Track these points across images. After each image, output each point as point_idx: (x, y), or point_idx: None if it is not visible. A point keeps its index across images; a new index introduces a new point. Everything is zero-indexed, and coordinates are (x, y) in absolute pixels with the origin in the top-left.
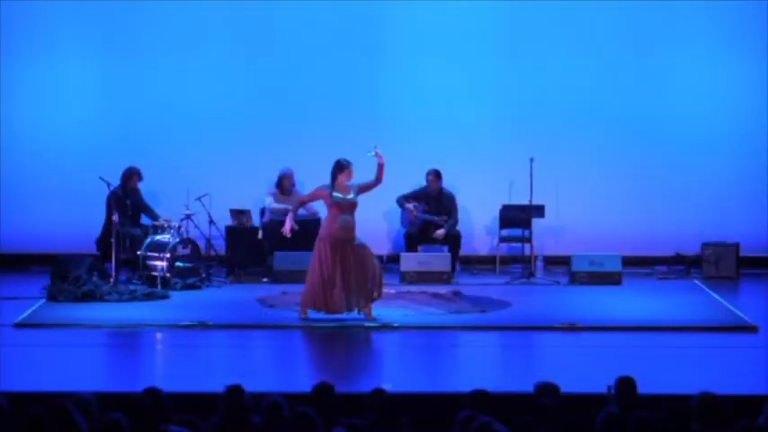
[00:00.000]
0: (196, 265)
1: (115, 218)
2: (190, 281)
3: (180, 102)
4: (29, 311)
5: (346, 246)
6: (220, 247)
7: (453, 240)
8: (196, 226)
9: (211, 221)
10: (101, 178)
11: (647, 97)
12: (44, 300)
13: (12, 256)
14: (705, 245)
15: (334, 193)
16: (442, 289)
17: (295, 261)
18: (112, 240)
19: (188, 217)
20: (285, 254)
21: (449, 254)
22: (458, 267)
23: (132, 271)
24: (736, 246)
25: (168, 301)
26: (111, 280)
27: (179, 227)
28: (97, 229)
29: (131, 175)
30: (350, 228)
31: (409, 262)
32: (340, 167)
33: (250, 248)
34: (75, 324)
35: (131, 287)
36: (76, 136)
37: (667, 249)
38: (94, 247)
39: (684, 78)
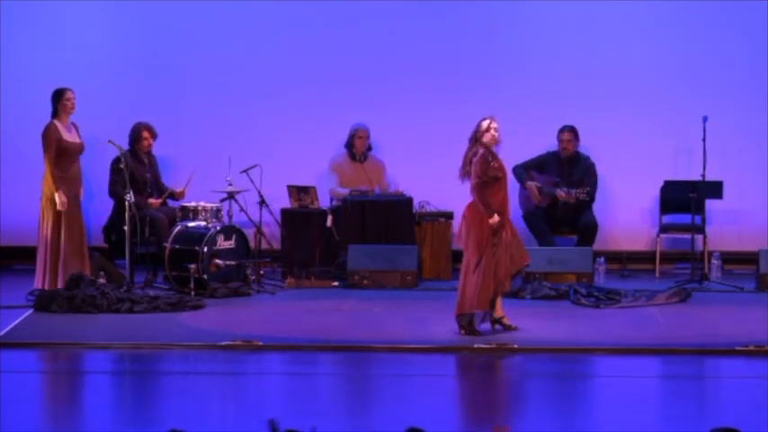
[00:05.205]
0: (242, 263)
1: (129, 197)
2: (233, 285)
3: (220, 50)
4: (10, 327)
5: (504, 220)
6: (274, 238)
7: (586, 229)
8: (242, 209)
9: (263, 202)
10: (110, 142)
11: None
12: (31, 310)
13: None
14: None
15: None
16: None
17: (377, 257)
18: (125, 228)
19: (231, 196)
20: (363, 248)
21: (590, 248)
22: (599, 267)
23: (154, 271)
24: None
25: (203, 311)
26: (124, 283)
27: (218, 210)
28: (104, 215)
29: (140, 134)
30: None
31: (536, 258)
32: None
33: (315, 240)
34: (73, 343)
35: (152, 293)
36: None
37: None
38: (101, 237)
39: None
